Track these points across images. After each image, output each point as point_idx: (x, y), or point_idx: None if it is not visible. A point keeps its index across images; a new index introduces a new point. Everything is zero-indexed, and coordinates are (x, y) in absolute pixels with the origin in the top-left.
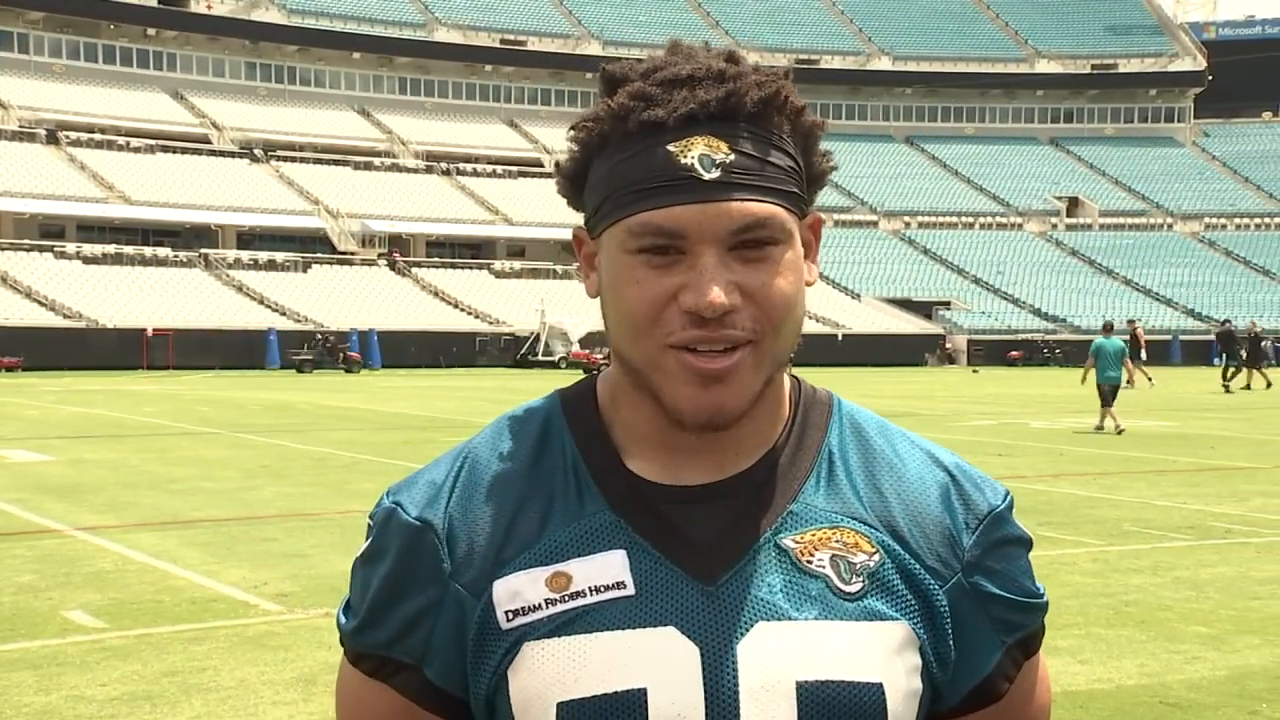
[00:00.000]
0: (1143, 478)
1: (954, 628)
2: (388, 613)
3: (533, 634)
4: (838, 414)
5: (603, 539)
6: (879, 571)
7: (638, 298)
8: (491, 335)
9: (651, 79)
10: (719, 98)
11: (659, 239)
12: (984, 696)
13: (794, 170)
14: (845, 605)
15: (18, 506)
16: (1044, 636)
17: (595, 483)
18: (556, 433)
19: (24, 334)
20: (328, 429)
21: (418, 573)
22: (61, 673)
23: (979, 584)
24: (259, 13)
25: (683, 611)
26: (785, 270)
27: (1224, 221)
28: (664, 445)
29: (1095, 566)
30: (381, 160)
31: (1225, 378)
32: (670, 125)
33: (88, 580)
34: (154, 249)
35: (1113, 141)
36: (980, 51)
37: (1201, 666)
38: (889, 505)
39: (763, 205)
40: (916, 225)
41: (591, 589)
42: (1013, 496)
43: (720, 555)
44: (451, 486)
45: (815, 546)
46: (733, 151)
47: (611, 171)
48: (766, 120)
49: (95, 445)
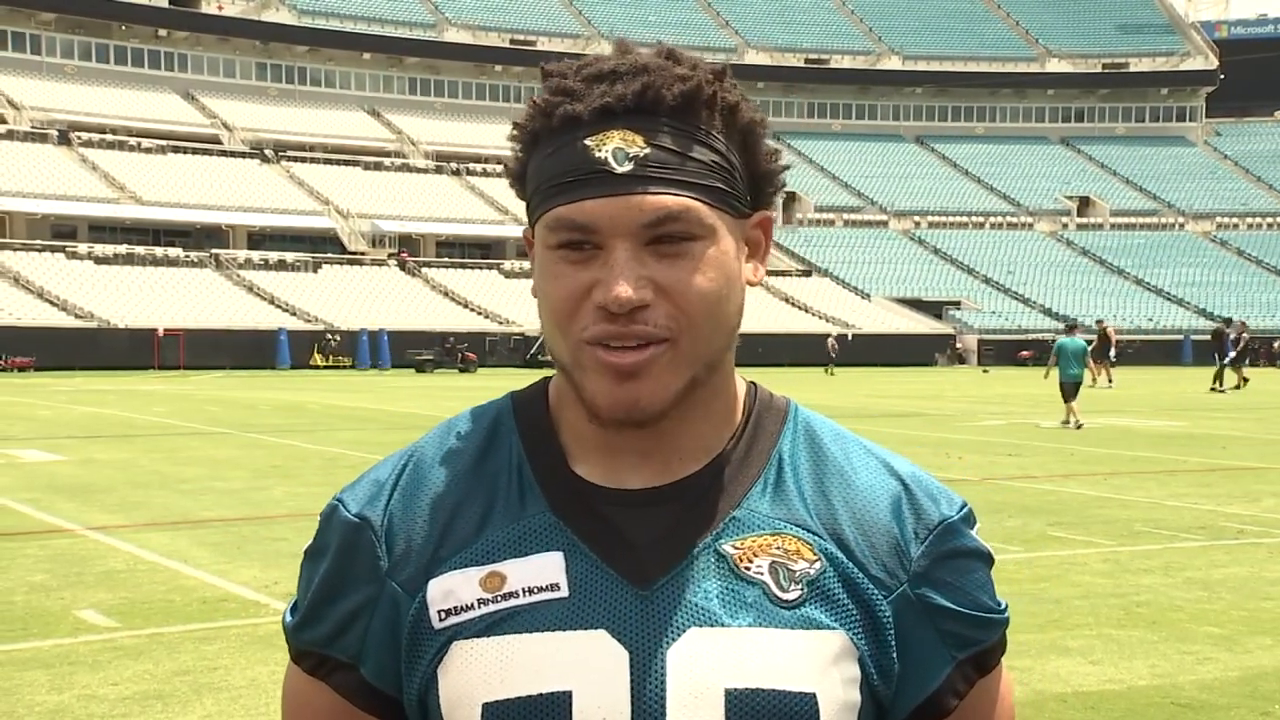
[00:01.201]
0: (1153, 478)
1: (898, 640)
2: (326, 610)
3: (463, 633)
4: (792, 421)
5: (541, 540)
6: (819, 580)
7: (555, 293)
8: (501, 335)
9: (578, 75)
10: (635, 91)
11: (573, 233)
12: (931, 712)
13: (722, 166)
14: (781, 613)
15: (30, 506)
16: (1004, 652)
17: (538, 484)
18: (505, 434)
19: (36, 334)
20: (338, 429)
21: (355, 570)
22: (73, 672)
23: (926, 596)
24: (269, 13)
25: (615, 615)
26: (706, 267)
27: (1236, 221)
28: (608, 448)
29: (1106, 567)
30: (391, 160)
31: (1219, 378)
32: (586, 119)
33: (99, 580)
34: (165, 249)
35: (1124, 141)
36: (991, 51)
37: (1213, 667)
38: (836, 513)
39: (677, 199)
40: (927, 225)
41: (525, 590)
42: (970, 509)
43: (658, 559)
44: (394, 485)
45: (755, 553)
46: (649, 145)
47: (538, 168)
48: (692, 115)
49: (106, 445)
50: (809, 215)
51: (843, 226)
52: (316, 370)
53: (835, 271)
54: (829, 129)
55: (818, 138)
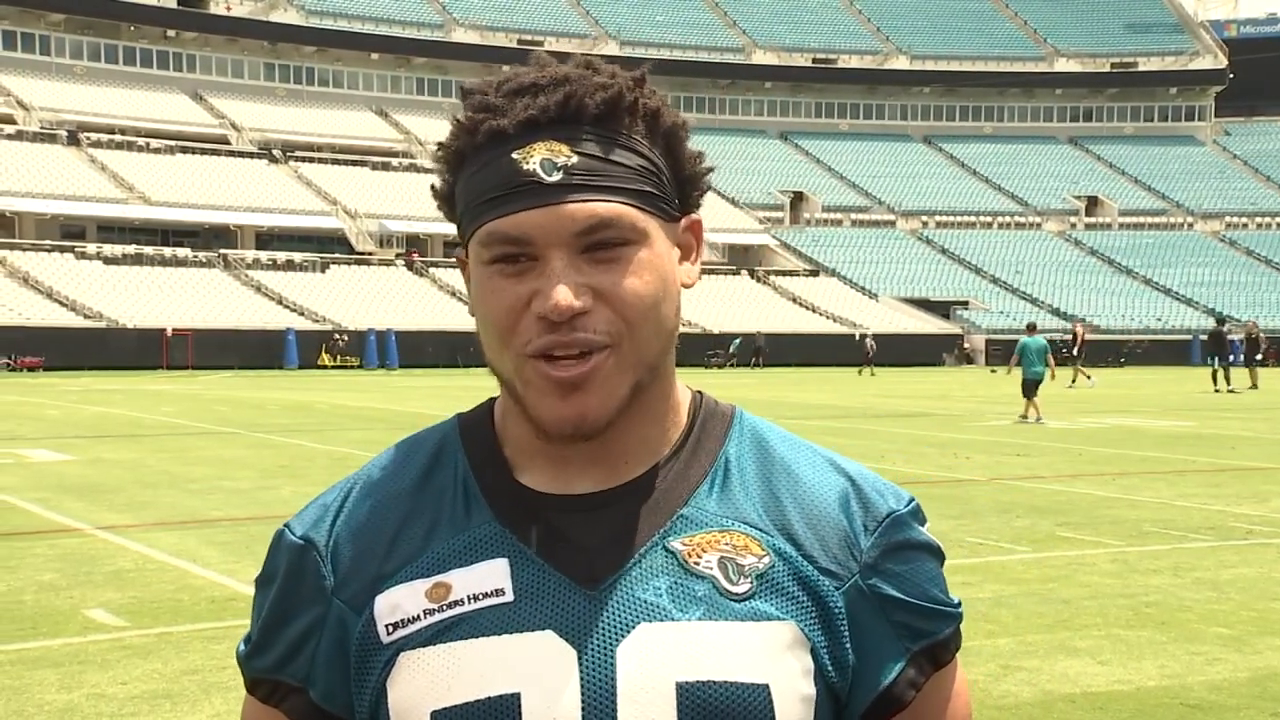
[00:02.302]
0: (1162, 478)
1: (851, 632)
2: (276, 635)
3: (410, 644)
4: (738, 425)
5: (486, 549)
6: (769, 573)
7: (495, 307)
8: None
9: (498, 91)
10: (558, 101)
11: (507, 246)
12: (889, 705)
13: (648, 170)
14: (731, 606)
15: (39, 506)
16: (958, 648)
17: (483, 495)
18: (450, 452)
19: (45, 334)
20: (345, 429)
21: (302, 592)
22: (83, 671)
23: (877, 586)
24: (277, 14)
25: (562, 616)
26: (640, 270)
27: (1245, 221)
28: (553, 457)
29: (1115, 567)
30: (399, 160)
31: (1226, 379)
32: (512, 133)
33: (108, 579)
34: (173, 249)
35: (1132, 140)
36: (999, 50)
37: (1223, 668)
38: (784, 510)
39: (608, 205)
40: (934, 225)
41: (470, 597)
42: (918, 504)
43: (606, 559)
44: (340, 506)
45: (704, 548)
46: (575, 154)
47: (465, 186)
48: (614, 122)
49: (115, 445)
50: (816, 215)
51: (850, 226)
52: (324, 370)
53: (843, 271)
54: (836, 129)
55: (825, 137)
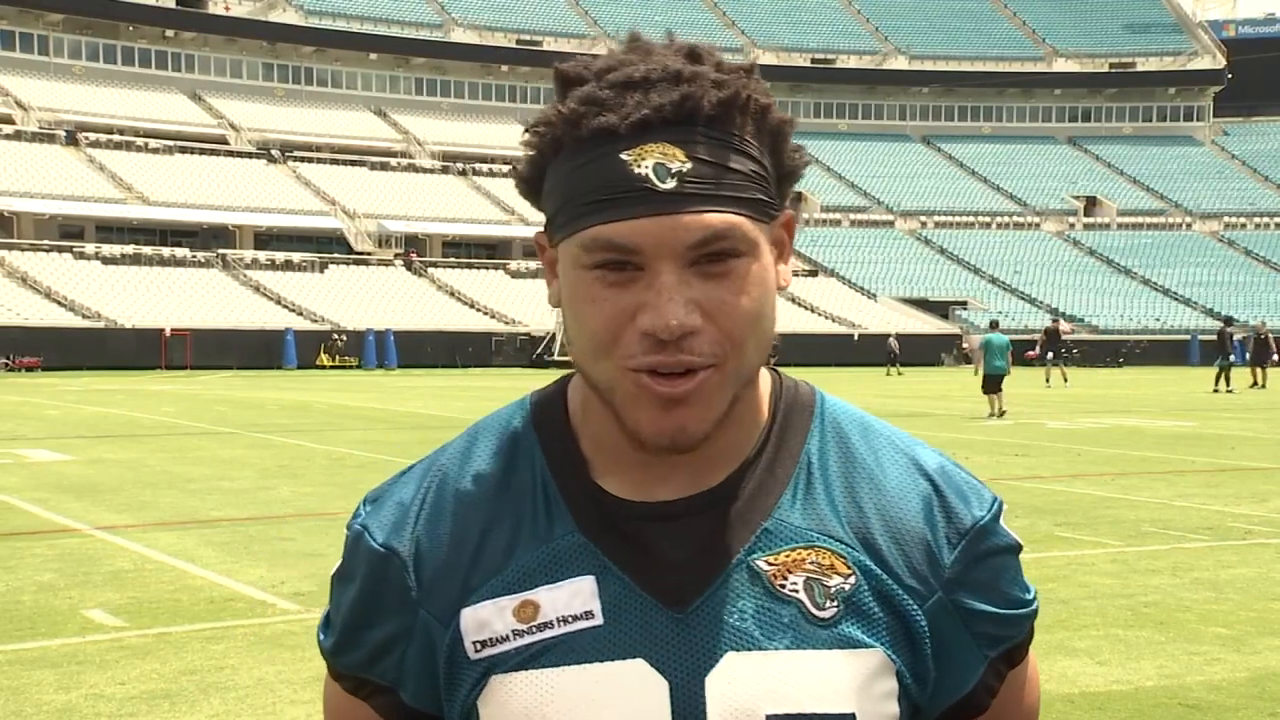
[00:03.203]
0: (1161, 478)
1: (934, 646)
2: (361, 636)
3: (500, 666)
4: (819, 416)
5: (571, 564)
6: (854, 595)
7: (595, 317)
8: (507, 335)
9: (604, 80)
10: (674, 101)
11: (613, 254)
12: (967, 710)
13: (758, 174)
14: (818, 633)
15: (38, 506)
16: (1031, 641)
17: (564, 502)
18: (526, 448)
19: (44, 334)
20: (344, 429)
21: (385, 600)
22: (81, 671)
23: (961, 601)
24: (276, 14)
25: (652, 642)
26: (750, 285)
27: (1243, 221)
28: (633, 460)
29: (1114, 567)
30: (398, 160)
31: (1226, 380)
32: (623, 132)
33: (107, 579)
34: (172, 249)
35: (1131, 140)
36: (997, 50)
37: (1221, 668)
38: (868, 521)
39: (722, 216)
40: (933, 225)
41: (559, 619)
42: (1000, 502)
43: (692, 579)
44: (419, 509)
45: (789, 569)
46: (689, 159)
47: (565, 180)
48: (727, 122)
49: (114, 445)
50: (815, 215)
51: (849, 226)
52: (323, 370)
53: (842, 271)
54: (835, 129)
55: (824, 137)
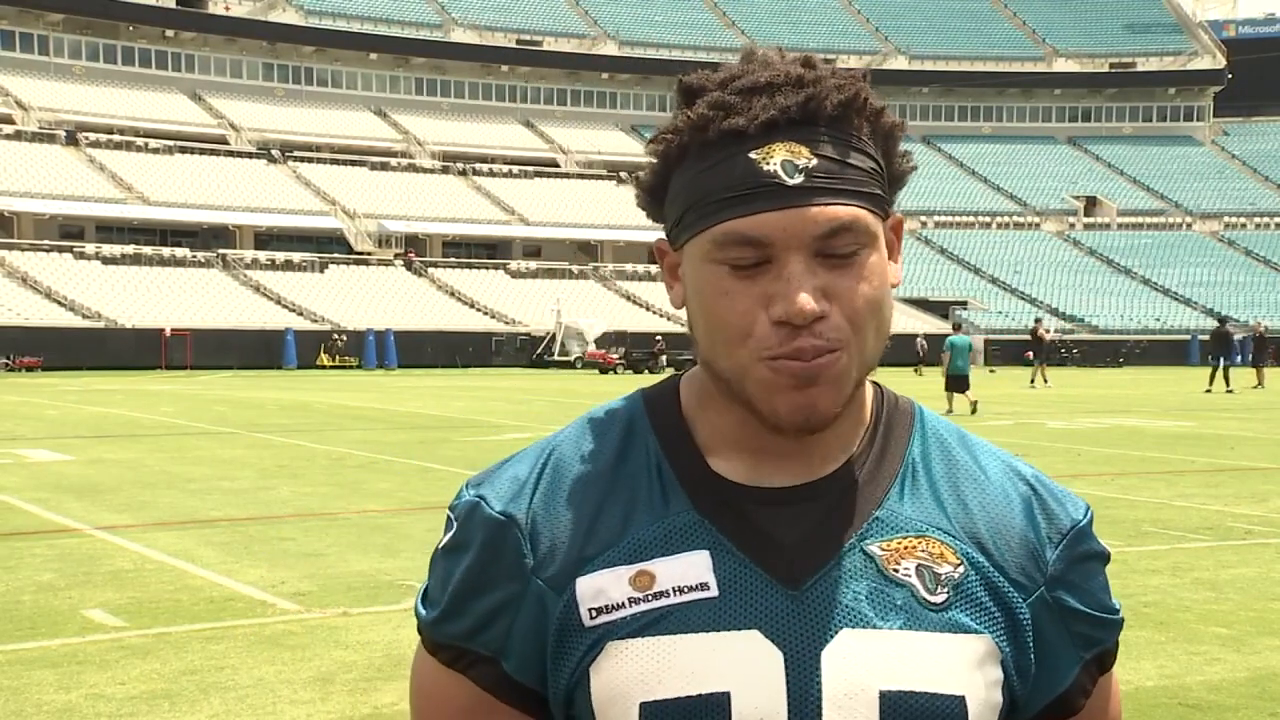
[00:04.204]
0: (1161, 478)
1: (1035, 641)
2: (468, 605)
3: (616, 633)
4: (920, 424)
5: (686, 539)
6: (963, 583)
7: (728, 309)
8: (507, 335)
9: (730, 88)
10: (799, 103)
11: (744, 247)
12: (1061, 710)
13: (875, 172)
14: (930, 616)
15: (38, 506)
16: (1118, 654)
17: (679, 483)
18: (640, 433)
19: (44, 334)
20: (344, 429)
21: (500, 567)
22: (81, 671)
23: (1061, 598)
24: (276, 14)
25: (767, 615)
26: (871, 274)
27: (1244, 221)
28: (749, 448)
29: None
30: (398, 160)
31: (1225, 380)
32: (751, 133)
33: (107, 579)
34: (172, 249)
35: (1131, 140)
36: (998, 50)
37: (1221, 668)
38: (973, 517)
39: (847, 209)
40: (933, 225)
41: (675, 589)
42: (1092, 511)
43: (806, 559)
44: (535, 482)
45: (901, 555)
46: (814, 156)
47: (692, 182)
48: (846, 123)
49: (114, 445)
50: None
51: None
52: (323, 370)
53: None
54: None
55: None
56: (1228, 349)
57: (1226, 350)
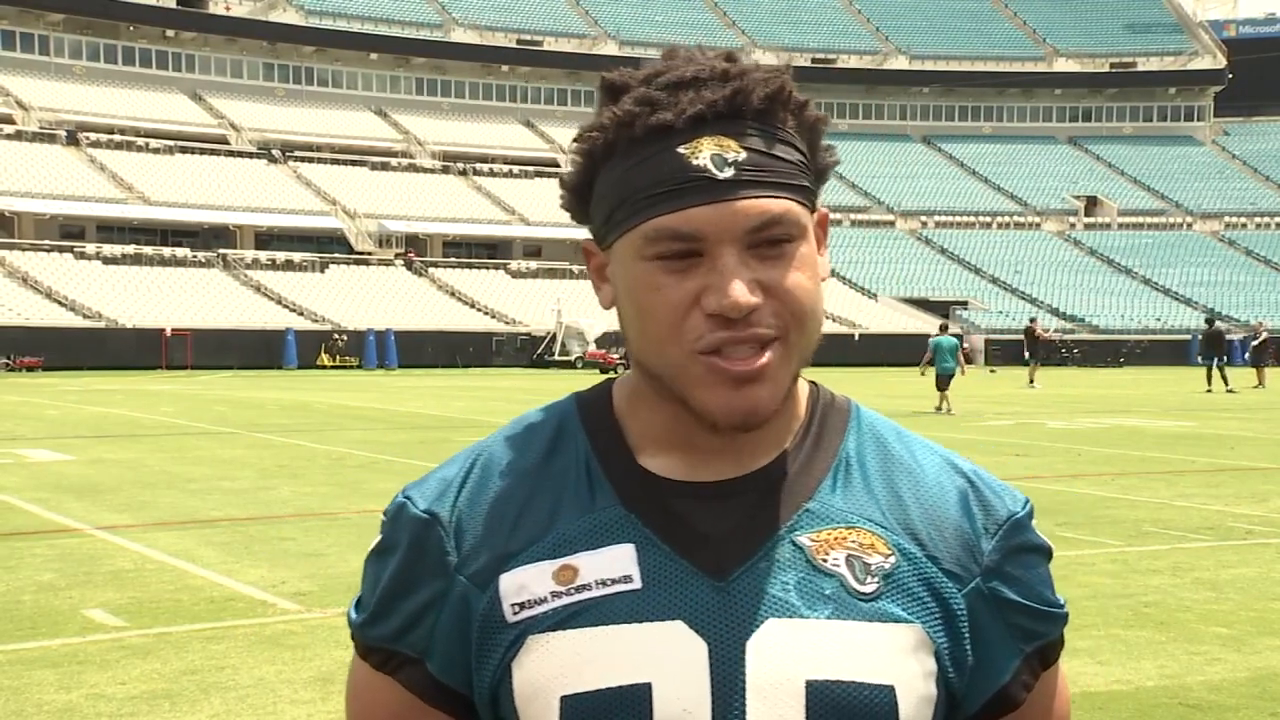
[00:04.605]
0: (1161, 478)
1: (971, 633)
2: (395, 606)
3: (537, 627)
4: (855, 420)
5: (612, 533)
6: (895, 574)
7: (660, 304)
8: (508, 335)
9: (655, 83)
10: (725, 97)
11: (676, 243)
12: (1002, 705)
13: (802, 164)
14: (859, 605)
15: (38, 506)
16: (1063, 648)
17: (607, 479)
18: (571, 433)
19: (45, 334)
20: (344, 429)
21: (424, 565)
22: (82, 671)
23: (998, 590)
24: (277, 14)
25: (692, 606)
26: (803, 265)
27: (1244, 221)
28: (680, 445)
29: (1114, 567)
30: (398, 160)
31: (1223, 379)
32: (679, 127)
33: (107, 579)
34: (173, 249)
35: (1131, 140)
36: (998, 50)
37: (1222, 668)
38: (907, 509)
39: (777, 201)
40: (934, 225)
41: (598, 582)
42: (1033, 505)
43: (733, 551)
44: (462, 482)
45: (831, 545)
46: (743, 149)
47: (621, 179)
48: (772, 116)
49: (114, 445)
50: None
51: (850, 226)
52: (324, 370)
53: (842, 271)
54: (836, 129)
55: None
56: (1221, 348)
57: (1220, 350)
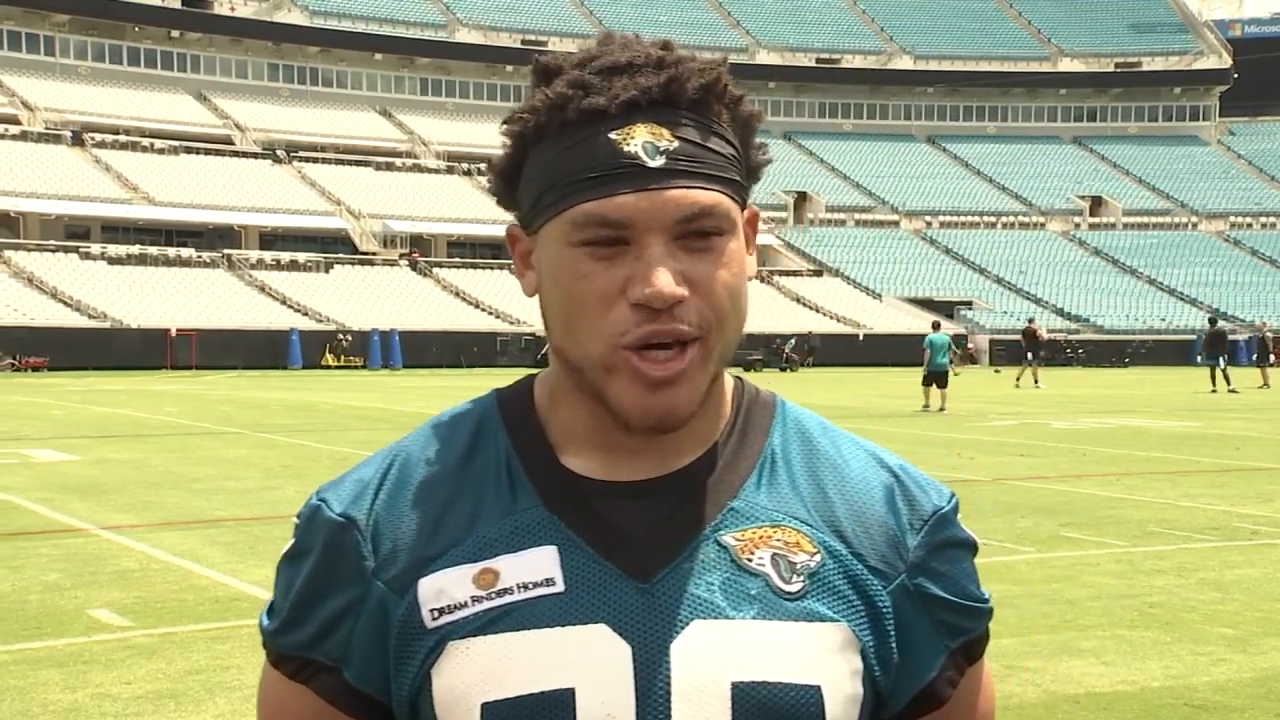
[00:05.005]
0: (1166, 478)
1: (897, 630)
2: (309, 612)
3: (457, 632)
4: (781, 415)
5: (533, 535)
6: (820, 572)
7: (585, 292)
8: (512, 335)
9: (589, 67)
10: (660, 84)
11: (604, 230)
12: (928, 701)
13: (735, 159)
14: (785, 605)
15: (43, 506)
16: (988, 643)
17: (529, 479)
18: (491, 431)
19: (50, 334)
20: (349, 429)
21: (340, 571)
22: (87, 671)
23: (923, 585)
24: (281, 14)
25: (615, 609)
26: (730, 261)
27: (1249, 220)
28: (603, 443)
29: (1119, 568)
30: (403, 161)
31: (1225, 379)
32: (612, 113)
33: (113, 579)
34: (177, 249)
35: (1136, 140)
36: (1002, 50)
37: (1227, 668)
38: (832, 505)
39: (708, 193)
40: (938, 225)
41: (519, 585)
42: (958, 499)
43: (657, 552)
44: (379, 484)
45: (756, 544)
46: (676, 138)
47: (551, 163)
48: (706, 108)
49: (119, 445)
50: (820, 215)
51: (854, 226)
52: (328, 370)
53: (846, 271)
54: (840, 129)
55: (829, 137)
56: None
57: (1223, 350)
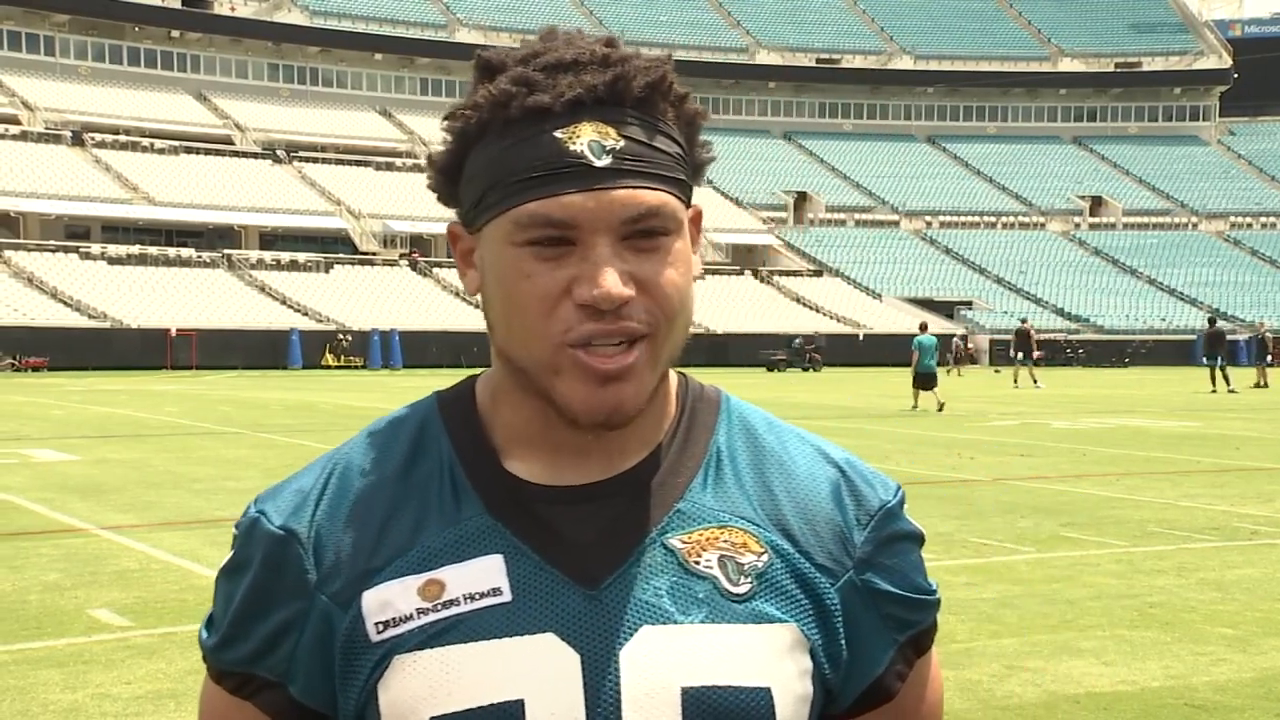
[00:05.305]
0: (1166, 478)
1: (846, 626)
2: (250, 628)
3: (403, 645)
4: (726, 412)
5: (479, 544)
6: (768, 572)
7: (529, 292)
8: None
9: (533, 64)
10: (606, 82)
11: (549, 230)
12: (877, 696)
13: (680, 158)
14: (733, 607)
15: (43, 506)
16: (936, 634)
17: (472, 486)
18: (433, 436)
19: (50, 334)
20: (349, 429)
21: (281, 585)
22: (87, 671)
23: (870, 581)
24: (281, 14)
25: (563, 617)
26: (677, 261)
27: (1249, 220)
28: (546, 446)
29: (1119, 568)
30: (403, 161)
31: (1225, 379)
32: (556, 111)
33: (113, 579)
34: (177, 249)
35: (1137, 140)
36: (1002, 50)
37: (1227, 668)
38: (779, 504)
39: (654, 193)
40: (938, 225)
41: (466, 596)
42: (904, 492)
43: (604, 557)
44: (320, 494)
45: (703, 546)
46: (622, 138)
47: (493, 161)
48: (652, 106)
49: (119, 445)
50: (820, 215)
51: (854, 226)
52: (328, 370)
53: (846, 271)
54: (840, 129)
55: (829, 137)
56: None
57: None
